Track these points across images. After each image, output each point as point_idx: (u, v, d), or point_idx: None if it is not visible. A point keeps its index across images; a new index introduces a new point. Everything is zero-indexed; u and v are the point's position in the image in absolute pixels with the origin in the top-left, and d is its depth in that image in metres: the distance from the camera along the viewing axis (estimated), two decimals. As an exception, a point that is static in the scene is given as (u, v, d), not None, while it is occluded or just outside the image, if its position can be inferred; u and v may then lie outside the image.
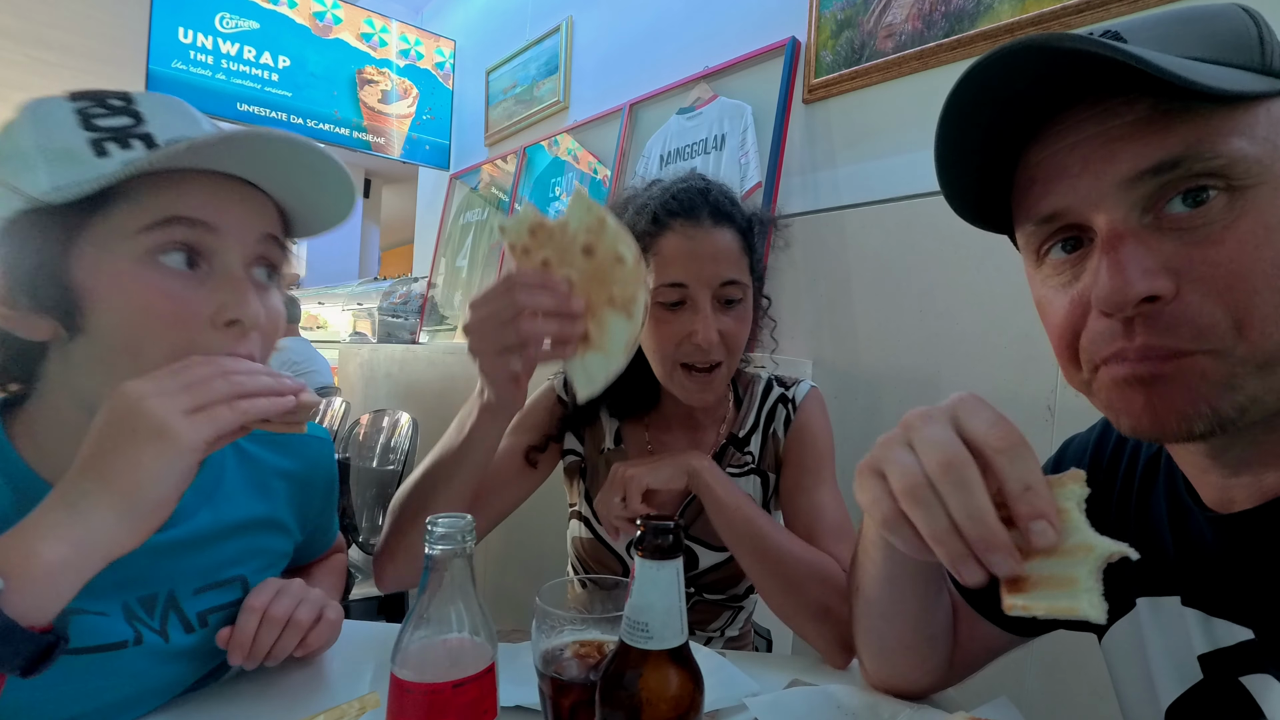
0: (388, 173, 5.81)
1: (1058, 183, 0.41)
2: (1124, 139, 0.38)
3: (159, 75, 2.61)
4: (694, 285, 0.78)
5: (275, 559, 0.71)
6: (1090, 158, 0.39)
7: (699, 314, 0.79)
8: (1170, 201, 0.37)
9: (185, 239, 0.52)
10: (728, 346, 0.80)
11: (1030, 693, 1.12)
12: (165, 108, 0.54)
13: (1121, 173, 0.38)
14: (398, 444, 1.94)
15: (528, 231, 0.59)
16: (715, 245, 0.79)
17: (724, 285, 0.79)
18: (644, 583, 0.41)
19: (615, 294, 0.58)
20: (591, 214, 0.57)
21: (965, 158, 0.45)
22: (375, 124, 3.16)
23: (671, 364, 0.81)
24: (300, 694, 0.61)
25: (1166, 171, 0.37)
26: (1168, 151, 0.37)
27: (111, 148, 0.50)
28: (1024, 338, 1.18)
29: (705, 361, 0.80)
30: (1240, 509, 0.43)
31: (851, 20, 1.51)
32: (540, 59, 2.73)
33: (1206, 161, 0.36)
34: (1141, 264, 0.37)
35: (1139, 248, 0.38)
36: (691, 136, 1.87)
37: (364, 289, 3.95)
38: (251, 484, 0.68)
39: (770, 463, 0.90)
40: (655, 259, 0.80)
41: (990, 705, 0.59)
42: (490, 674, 0.45)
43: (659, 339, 0.81)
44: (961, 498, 0.37)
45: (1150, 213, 0.38)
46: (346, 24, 3.07)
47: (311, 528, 0.78)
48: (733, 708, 0.59)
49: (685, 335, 0.79)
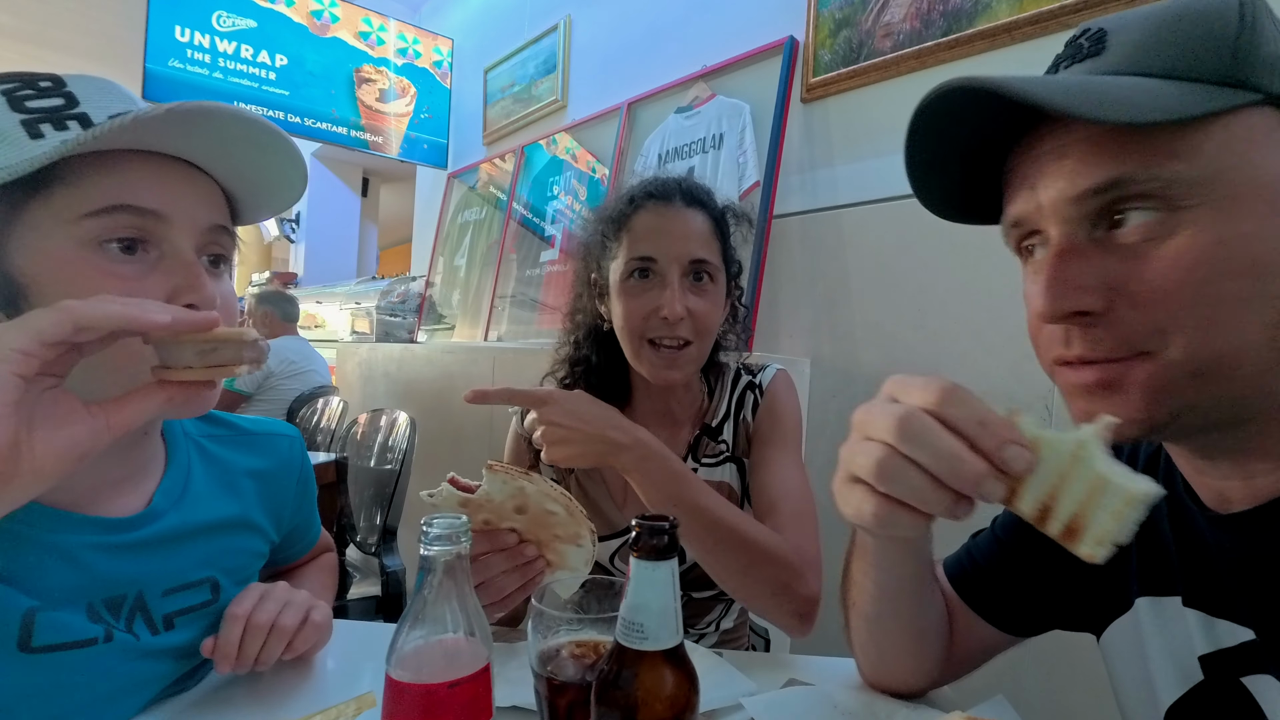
0: (386, 172, 5.80)
1: (1020, 190, 0.43)
2: (1073, 157, 0.40)
3: (156, 74, 2.61)
4: (663, 259, 0.81)
5: (249, 559, 0.70)
6: (1044, 171, 0.41)
7: (667, 288, 0.81)
8: (1116, 219, 0.39)
9: (132, 226, 0.50)
10: (696, 326, 0.82)
11: (1027, 692, 1.12)
12: (98, 89, 0.52)
13: (1070, 189, 0.40)
14: (396, 443, 1.94)
15: (457, 504, 0.61)
16: (686, 224, 0.83)
17: (693, 262, 0.82)
18: (639, 583, 0.41)
19: (560, 533, 0.62)
20: (509, 485, 0.60)
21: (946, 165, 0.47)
22: (373, 123, 3.16)
23: (639, 339, 0.83)
24: (296, 694, 0.61)
25: (1109, 191, 0.38)
26: (1105, 174, 0.38)
27: (46, 129, 0.48)
28: (1022, 336, 1.17)
29: (673, 337, 0.81)
30: (1238, 509, 0.44)
31: (850, 19, 1.51)
32: (538, 58, 2.73)
33: (1142, 184, 0.37)
34: (1077, 280, 0.39)
35: (1079, 263, 0.40)
36: (690, 135, 1.87)
37: (362, 288, 3.94)
38: (220, 485, 0.68)
39: (744, 449, 0.91)
40: (627, 235, 0.83)
41: (987, 704, 0.59)
42: (486, 674, 0.45)
43: (627, 314, 0.83)
44: (928, 445, 0.37)
45: (1099, 228, 0.40)
46: (344, 22, 3.07)
47: (289, 526, 0.77)
48: (729, 707, 0.59)
49: (653, 309, 0.81)
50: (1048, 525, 0.37)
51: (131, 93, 0.54)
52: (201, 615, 0.62)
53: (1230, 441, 0.42)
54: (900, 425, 0.38)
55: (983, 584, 0.62)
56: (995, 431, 0.37)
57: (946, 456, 0.37)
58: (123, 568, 0.57)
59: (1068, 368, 0.42)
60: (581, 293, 0.94)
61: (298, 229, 5.77)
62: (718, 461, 0.91)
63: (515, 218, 2.65)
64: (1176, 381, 0.38)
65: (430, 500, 0.61)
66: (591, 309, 0.92)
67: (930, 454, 0.37)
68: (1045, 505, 0.37)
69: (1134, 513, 0.34)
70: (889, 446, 0.39)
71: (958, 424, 0.37)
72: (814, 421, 1.46)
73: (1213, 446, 0.44)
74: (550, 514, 0.61)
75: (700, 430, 0.92)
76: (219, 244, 0.56)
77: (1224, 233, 0.37)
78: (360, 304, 3.71)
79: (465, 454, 2.37)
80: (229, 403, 2.72)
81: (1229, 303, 0.37)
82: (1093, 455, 0.35)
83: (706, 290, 0.84)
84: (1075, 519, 0.36)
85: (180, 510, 0.63)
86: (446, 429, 2.42)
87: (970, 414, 0.37)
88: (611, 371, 0.91)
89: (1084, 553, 0.35)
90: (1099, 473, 0.35)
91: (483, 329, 2.67)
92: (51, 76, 0.51)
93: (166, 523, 0.61)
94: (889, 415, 0.39)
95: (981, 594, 0.62)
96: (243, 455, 0.71)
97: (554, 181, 2.48)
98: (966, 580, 0.63)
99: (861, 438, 0.41)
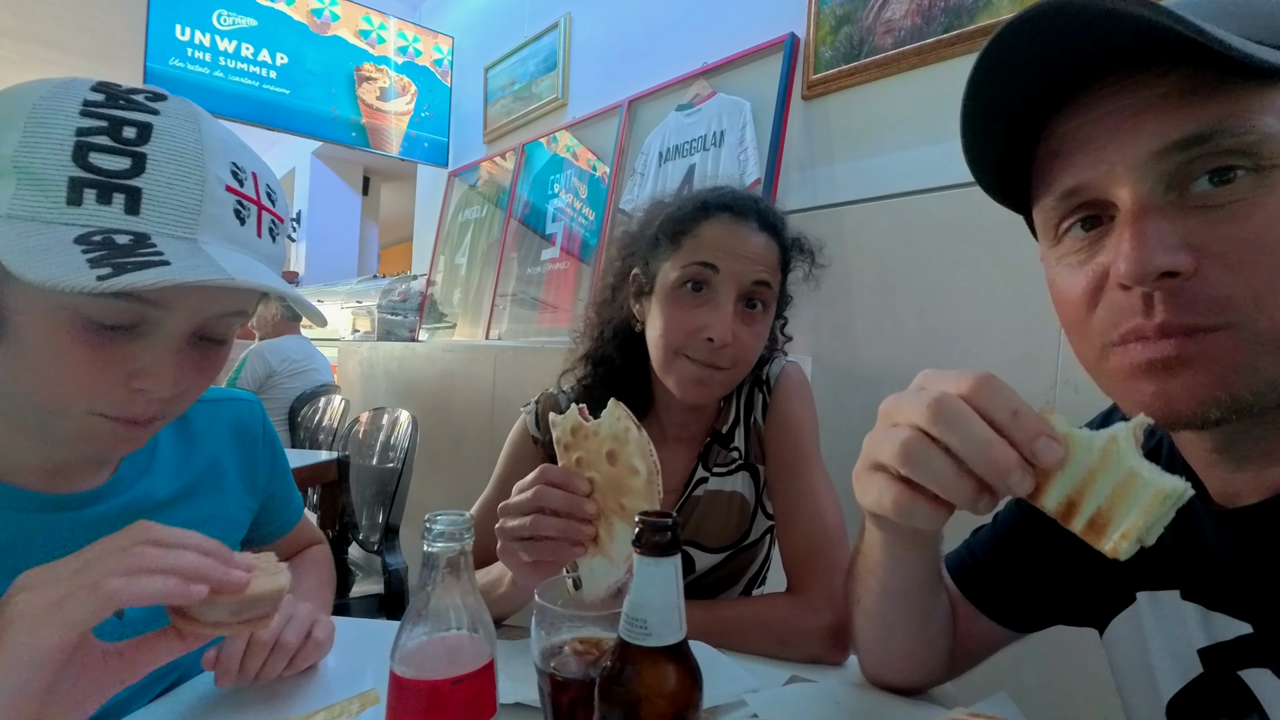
0: (386, 170, 5.80)
1: (1082, 155, 0.40)
2: (1153, 111, 0.37)
3: (156, 73, 2.60)
4: (725, 272, 0.76)
5: (229, 526, 0.70)
6: (1117, 129, 0.39)
7: (719, 309, 0.76)
8: (1197, 180, 0.37)
9: (128, 313, 0.49)
10: (736, 356, 0.78)
11: (1029, 689, 1.12)
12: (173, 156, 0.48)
13: (1149, 146, 0.37)
14: (397, 442, 1.94)
15: (570, 430, 0.62)
16: (755, 245, 0.78)
17: (754, 284, 0.78)
18: (642, 580, 0.41)
19: (625, 504, 0.60)
20: (620, 423, 0.59)
21: (992, 124, 0.44)
22: (373, 121, 3.16)
23: (674, 352, 0.78)
24: (300, 691, 0.61)
25: (1194, 146, 0.36)
26: (1197, 125, 0.36)
27: (88, 196, 0.45)
28: (1023, 334, 1.18)
29: (710, 361, 0.77)
30: (1245, 503, 0.43)
31: (850, 16, 1.51)
32: (539, 55, 2.72)
33: (1236, 138, 0.35)
34: (1164, 239, 0.37)
35: (1162, 223, 0.37)
36: (690, 133, 1.87)
37: (363, 286, 3.94)
38: (188, 451, 0.68)
39: (757, 454, 0.87)
40: (690, 240, 0.78)
41: (989, 701, 0.59)
42: (489, 671, 0.45)
43: (669, 324, 0.78)
44: (959, 429, 0.37)
45: (1175, 189, 0.38)
46: (344, 21, 3.06)
47: (265, 494, 0.77)
48: (732, 704, 0.59)
49: (699, 327, 0.76)
50: (1072, 521, 0.36)
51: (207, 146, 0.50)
52: None
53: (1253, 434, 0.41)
54: (933, 408, 0.37)
55: (985, 580, 0.62)
56: (1027, 424, 0.36)
57: (977, 442, 0.36)
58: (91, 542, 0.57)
59: (1137, 344, 0.39)
60: (616, 286, 0.89)
61: (298, 228, 5.77)
62: (729, 470, 0.88)
63: (516, 216, 2.65)
64: (1263, 355, 0.36)
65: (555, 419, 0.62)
66: (625, 306, 0.87)
67: (961, 438, 0.37)
68: (1071, 501, 0.36)
69: (1163, 510, 0.34)
70: (918, 429, 0.38)
71: (991, 413, 0.37)
72: (815, 419, 1.46)
73: (1236, 440, 0.42)
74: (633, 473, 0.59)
75: (711, 437, 0.88)
76: (219, 328, 0.55)
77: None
78: (361, 303, 3.71)
79: (467, 452, 2.37)
80: (231, 402, 2.72)
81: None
82: (1124, 450, 0.35)
83: (756, 319, 0.80)
84: (1100, 514, 0.35)
85: (149, 479, 0.63)
86: (448, 427, 2.42)
87: (1004, 404, 0.37)
88: (635, 377, 0.87)
89: (1107, 548, 0.35)
90: (1130, 468, 0.35)
91: (484, 328, 2.67)
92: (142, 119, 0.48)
93: (136, 492, 0.61)
94: (921, 399, 0.38)
95: (983, 590, 0.62)
96: (205, 419, 0.71)
97: (554, 180, 2.48)
98: (968, 576, 0.63)
99: (889, 425, 0.41)
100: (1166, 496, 0.34)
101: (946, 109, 1.31)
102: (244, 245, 0.52)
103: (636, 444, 0.58)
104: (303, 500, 0.86)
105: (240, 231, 0.52)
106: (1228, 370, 0.37)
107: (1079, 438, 0.36)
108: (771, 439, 0.86)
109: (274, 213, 0.56)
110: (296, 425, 2.75)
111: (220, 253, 0.49)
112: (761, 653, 0.72)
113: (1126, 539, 0.34)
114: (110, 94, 0.48)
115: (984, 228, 1.22)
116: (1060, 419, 0.37)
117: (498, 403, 2.22)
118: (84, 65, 4.73)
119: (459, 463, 2.40)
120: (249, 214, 0.53)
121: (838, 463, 0.89)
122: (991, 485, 0.37)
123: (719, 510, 0.87)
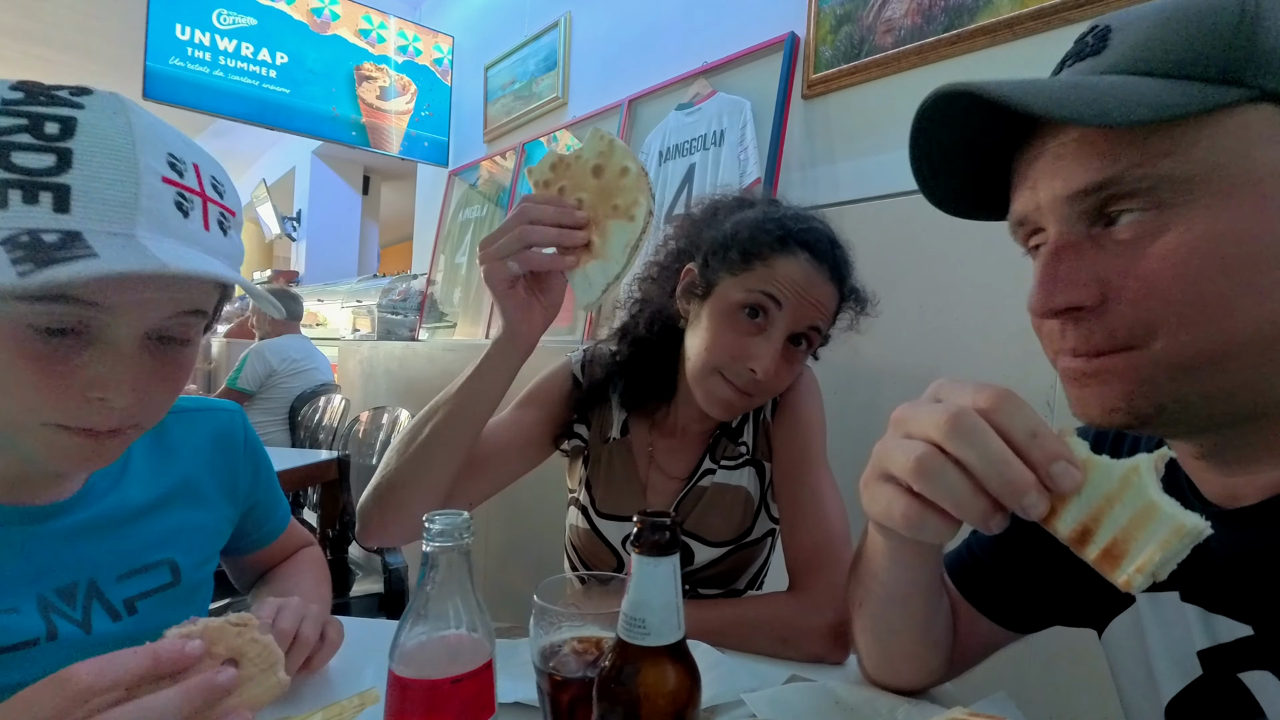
0: (386, 170, 5.80)
1: (1022, 190, 0.44)
2: (1067, 157, 0.40)
3: (156, 72, 2.60)
4: (787, 310, 0.77)
5: (207, 537, 0.69)
6: (1042, 172, 0.42)
7: (770, 344, 0.77)
8: (1111, 218, 0.40)
9: (69, 316, 0.46)
10: (769, 386, 0.80)
11: (1029, 688, 1.12)
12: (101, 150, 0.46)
13: (1061, 190, 0.41)
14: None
15: (549, 167, 0.65)
16: (822, 293, 0.79)
17: (809, 328, 0.79)
18: (641, 579, 0.41)
19: (619, 203, 0.63)
20: (603, 141, 0.63)
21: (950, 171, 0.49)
22: (373, 121, 3.16)
23: (713, 369, 0.79)
24: (299, 691, 0.61)
25: (1095, 193, 0.39)
26: (1094, 175, 0.39)
27: (13, 197, 0.43)
28: (1024, 333, 1.17)
29: (747, 388, 0.78)
30: (1245, 504, 0.43)
31: (851, 15, 1.51)
32: (539, 55, 2.72)
33: (1130, 184, 0.38)
34: (1071, 276, 0.40)
35: (1074, 260, 0.40)
36: (691, 132, 1.87)
37: (363, 286, 3.94)
38: (162, 462, 0.66)
39: (764, 451, 0.90)
40: (762, 267, 0.77)
41: (989, 700, 0.59)
42: (489, 670, 0.45)
43: (715, 343, 0.78)
44: (976, 445, 0.36)
45: (1097, 225, 0.41)
46: (344, 20, 3.06)
47: (248, 502, 0.76)
48: (731, 703, 0.59)
49: (745, 356, 0.77)
50: (1085, 549, 0.36)
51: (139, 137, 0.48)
52: (164, 599, 0.61)
53: (1234, 439, 0.42)
54: (950, 422, 0.37)
55: (984, 580, 0.62)
56: (1047, 445, 0.36)
57: (994, 461, 0.36)
58: (67, 554, 0.56)
59: (1062, 359, 0.43)
60: (666, 266, 0.90)
61: (299, 227, 5.77)
62: (737, 465, 0.89)
63: (516, 215, 2.65)
64: (1159, 375, 0.39)
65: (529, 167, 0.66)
66: (669, 292, 0.88)
67: (978, 455, 0.36)
68: (1085, 528, 0.36)
69: (1180, 545, 0.33)
70: (932, 444, 0.38)
71: (1010, 431, 0.36)
72: (815, 418, 1.46)
73: (1220, 445, 0.43)
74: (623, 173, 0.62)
75: (720, 431, 0.90)
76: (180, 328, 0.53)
77: (1215, 229, 0.36)
78: (361, 302, 3.71)
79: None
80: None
81: (1218, 299, 0.37)
82: (1145, 482, 0.35)
83: (797, 357, 0.81)
84: (1116, 544, 0.35)
85: (121, 490, 0.62)
86: (448, 427, 2.42)
87: (1024, 423, 0.37)
88: (665, 366, 0.89)
89: (1120, 580, 0.35)
90: (1150, 499, 0.34)
91: (484, 327, 2.67)
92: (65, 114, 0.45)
93: (107, 504, 0.60)
94: (937, 412, 0.38)
95: (983, 590, 0.62)
96: (183, 430, 0.70)
97: (555, 179, 2.48)
98: (967, 576, 0.63)
99: (901, 435, 0.41)
100: (1186, 533, 0.33)
101: (947, 108, 1.31)
102: (189, 239, 0.49)
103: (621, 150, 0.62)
104: (306, 500, 0.86)
105: (184, 225, 0.49)
106: (1128, 386, 0.40)
107: (1098, 464, 0.36)
108: (780, 436, 0.88)
109: (222, 205, 0.53)
110: (297, 424, 2.75)
111: (160, 246, 0.46)
112: (763, 652, 0.72)
113: (1141, 572, 0.34)
114: (30, 91, 0.46)
115: (985, 227, 1.21)
116: (1080, 443, 0.37)
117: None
118: (83, 64, 4.73)
119: (459, 462, 2.40)
120: (192, 206, 0.50)
121: (838, 461, 0.89)
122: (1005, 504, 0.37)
123: (723, 504, 0.88)
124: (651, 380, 0.90)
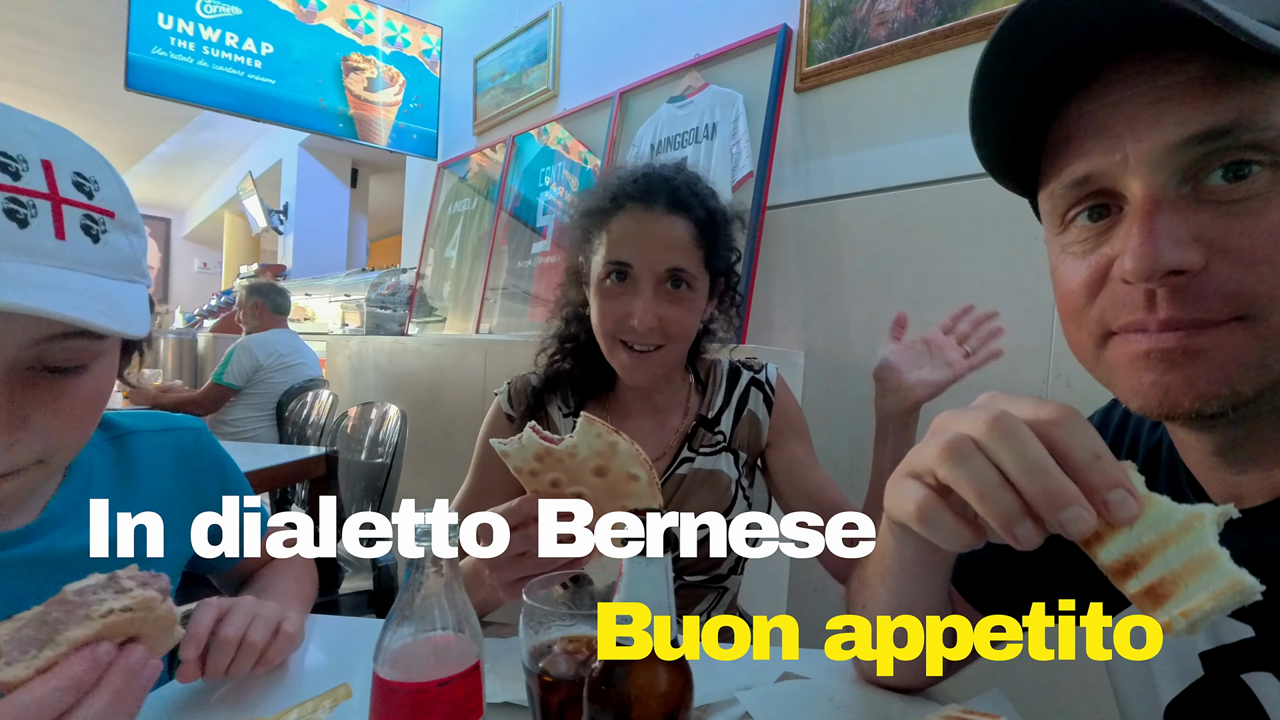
0: (375, 162, 5.75)
1: (1096, 142, 0.39)
2: (1174, 100, 0.36)
3: (139, 62, 2.56)
4: (637, 266, 0.81)
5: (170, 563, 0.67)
6: (1136, 118, 0.37)
7: (639, 296, 0.81)
8: (1211, 174, 0.36)
9: None
10: (668, 332, 0.82)
11: (1023, 685, 1.13)
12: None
13: (1168, 137, 0.36)
14: (386, 436, 1.92)
15: (533, 457, 0.57)
16: (665, 232, 0.81)
17: (670, 270, 0.81)
18: (632, 580, 0.40)
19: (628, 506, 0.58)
20: (601, 440, 0.56)
21: (1004, 102, 0.42)
22: (361, 112, 3.12)
23: (612, 340, 0.84)
24: (277, 690, 0.60)
25: (1215, 140, 0.35)
26: (1218, 118, 0.35)
27: None
28: (1017, 328, 1.17)
29: (643, 343, 0.82)
30: (1250, 505, 0.43)
31: (844, 8, 1.50)
32: (529, 46, 2.70)
33: (1256, 133, 0.34)
34: (1174, 234, 0.36)
35: (1174, 217, 0.36)
36: (682, 125, 1.85)
37: (352, 280, 3.91)
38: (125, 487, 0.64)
39: (741, 441, 0.94)
40: (606, 235, 0.83)
41: (983, 697, 0.59)
42: (476, 671, 0.44)
43: (602, 314, 0.84)
44: (1015, 447, 0.33)
45: (1189, 183, 0.36)
46: (331, 10, 3.02)
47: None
48: (724, 702, 0.59)
49: (625, 314, 0.81)
50: (1126, 582, 0.35)
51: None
52: None
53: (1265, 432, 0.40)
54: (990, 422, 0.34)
55: (982, 579, 0.62)
56: (1109, 470, 0.33)
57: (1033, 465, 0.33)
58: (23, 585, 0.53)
59: (1138, 335, 0.38)
60: (572, 275, 0.95)
61: (286, 220, 5.71)
62: (714, 451, 0.93)
63: (506, 209, 2.63)
64: (1274, 352, 0.35)
65: (503, 449, 0.57)
66: (579, 293, 0.93)
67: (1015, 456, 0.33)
68: (1132, 561, 0.34)
69: (1231, 601, 0.32)
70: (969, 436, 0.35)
71: (1070, 449, 0.33)
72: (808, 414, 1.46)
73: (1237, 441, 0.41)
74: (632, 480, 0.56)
75: (697, 421, 0.93)
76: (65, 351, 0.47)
77: None
78: (350, 296, 3.68)
79: (456, 447, 2.35)
80: (217, 397, 2.69)
81: None
82: (1208, 531, 0.33)
83: (683, 298, 0.83)
84: (1163, 584, 0.34)
85: (80, 515, 0.59)
86: (437, 422, 2.40)
87: (1088, 443, 0.34)
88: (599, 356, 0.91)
89: (1163, 620, 0.33)
90: (1211, 549, 0.33)
91: (474, 321, 2.65)
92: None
93: (66, 531, 0.57)
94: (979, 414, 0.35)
95: (980, 589, 0.62)
96: (145, 451, 0.68)
97: (545, 172, 2.46)
98: (966, 574, 0.63)
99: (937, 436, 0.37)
100: (1242, 590, 0.32)
101: (940, 102, 1.31)
102: (28, 252, 0.42)
103: (627, 453, 0.57)
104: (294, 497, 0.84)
105: (20, 236, 0.42)
106: (1234, 364, 0.36)
107: (1157, 502, 0.35)
108: (778, 427, 0.95)
109: (88, 205, 0.46)
110: (284, 420, 2.72)
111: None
112: None
113: (1186, 617, 0.33)
114: None
115: (977, 221, 1.22)
116: (1138, 476, 0.35)
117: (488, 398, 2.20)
118: (66, 54, 4.64)
119: (449, 458, 2.39)
120: (34, 212, 0.43)
121: (829, 456, 0.89)
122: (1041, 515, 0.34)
123: (702, 485, 0.91)
124: (588, 373, 0.93)
